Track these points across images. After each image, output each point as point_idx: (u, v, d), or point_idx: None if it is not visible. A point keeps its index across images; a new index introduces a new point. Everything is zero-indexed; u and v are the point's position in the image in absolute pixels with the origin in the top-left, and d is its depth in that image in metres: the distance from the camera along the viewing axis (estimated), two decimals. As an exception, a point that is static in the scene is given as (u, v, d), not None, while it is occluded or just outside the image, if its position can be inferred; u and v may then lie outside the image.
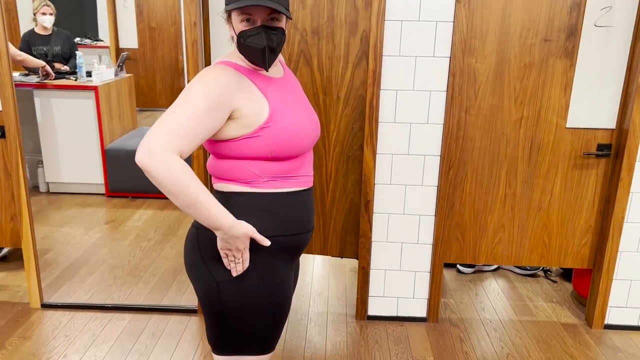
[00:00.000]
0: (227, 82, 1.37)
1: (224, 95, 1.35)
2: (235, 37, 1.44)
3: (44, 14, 4.66)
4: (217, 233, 1.40)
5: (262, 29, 1.39)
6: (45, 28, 4.79)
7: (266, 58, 1.42)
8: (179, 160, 1.28)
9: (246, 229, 1.40)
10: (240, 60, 1.47)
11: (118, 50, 6.81)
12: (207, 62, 2.58)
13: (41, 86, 4.33)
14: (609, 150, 2.61)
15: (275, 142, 1.41)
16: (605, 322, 2.78)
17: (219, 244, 1.42)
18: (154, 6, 6.62)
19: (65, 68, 4.75)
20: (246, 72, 1.45)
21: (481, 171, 2.67)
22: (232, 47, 1.50)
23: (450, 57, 2.47)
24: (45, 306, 2.85)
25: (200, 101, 1.33)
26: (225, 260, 1.44)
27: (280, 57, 1.69)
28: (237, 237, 1.39)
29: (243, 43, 1.41)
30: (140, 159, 1.26)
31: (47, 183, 4.58)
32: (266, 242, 1.43)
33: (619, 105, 2.56)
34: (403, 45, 2.46)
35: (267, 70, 1.46)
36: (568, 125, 2.59)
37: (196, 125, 1.32)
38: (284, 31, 1.46)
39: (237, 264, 1.44)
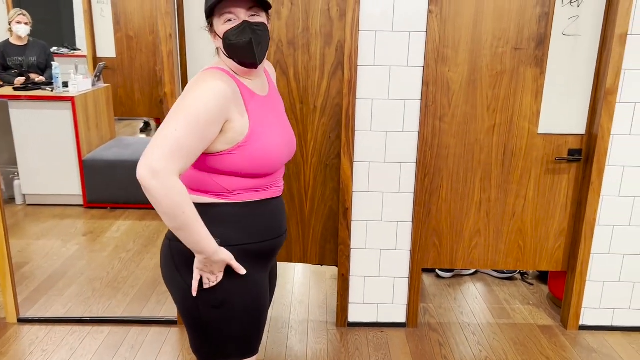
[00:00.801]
0: (224, 91, 1.36)
1: (223, 107, 1.35)
2: (221, 44, 1.43)
3: (19, 22, 4.62)
4: (197, 255, 1.41)
5: (245, 23, 1.40)
6: (20, 38, 4.74)
7: (254, 52, 1.41)
8: (179, 183, 1.30)
9: (225, 256, 1.42)
10: (229, 69, 1.46)
11: (95, 60, 6.75)
12: (184, 74, 2.58)
13: (17, 97, 4.28)
14: (580, 155, 2.68)
15: (250, 160, 1.42)
16: (580, 323, 2.84)
17: (196, 264, 1.44)
18: (131, 15, 6.60)
19: (41, 79, 4.71)
20: (236, 82, 1.45)
21: (456, 177, 2.72)
22: (217, 59, 1.50)
23: (423, 67, 2.51)
24: (22, 321, 2.81)
25: (202, 117, 1.32)
26: (196, 275, 1.45)
27: (271, 68, 1.69)
28: (216, 262, 1.41)
29: (230, 43, 1.41)
30: (142, 177, 1.26)
31: (24, 195, 4.53)
32: (242, 271, 1.46)
33: (588, 111, 2.63)
34: (377, 55, 2.50)
35: (256, 67, 1.46)
36: (540, 131, 2.65)
37: (198, 144, 1.33)
38: (267, 27, 1.47)
39: (210, 282, 1.46)
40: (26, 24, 4.64)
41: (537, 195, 2.74)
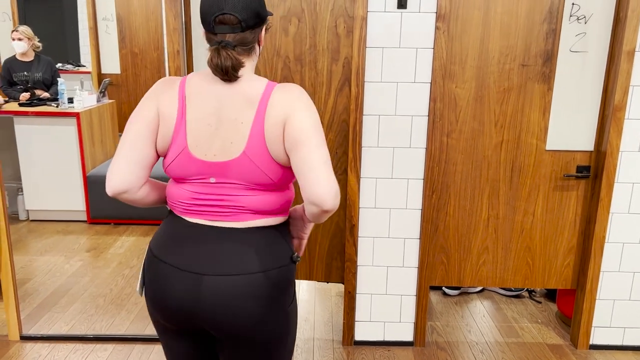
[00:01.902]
0: None
1: None
2: (260, 47, 1.41)
3: (13, 39, 4.65)
4: (309, 226, 1.48)
5: None
6: (25, 54, 4.77)
7: None
8: None
9: None
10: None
11: (100, 76, 6.79)
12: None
13: (22, 113, 4.29)
14: (588, 172, 2.66)
15: None
16: (590, 342, 2.80)
17: (308, 232, 1.51)
18: (136, 32, 6.65)
19: (46, 95, 4.72)
20: None
21: (464, 194, 2.70)
22: (252, 64, 1.39)
23: (430, 83, 2.51)
24: (25, 338, 2.78)
25: (322, 131, 1.34)
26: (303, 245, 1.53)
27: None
28: None
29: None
30: (335, 204, 1.27)
31: (27, 211, 4.51)
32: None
33: (597, 127, 2.62)
34: (384, 71, 2.50)
35: None
36: (548, 148, 2.64)
37: None
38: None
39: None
40: (20, 39, 4.65)
41: (545, 212, 2.72)
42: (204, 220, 1.37)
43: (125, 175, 1.35)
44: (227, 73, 1.28)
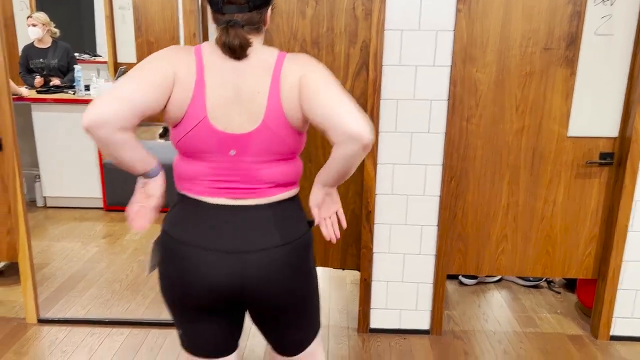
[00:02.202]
0: None
1: None
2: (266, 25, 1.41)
3: (28, 25, 4.67)
4: (335, 193, 1.47)
5: None
6: (42, 41, 4.78)
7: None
8: None
9: None
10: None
11: (116, 65, 6.80)
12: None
13: (39, 100, 4.31)
14: (612, 159, 2.59)
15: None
16: (611, 333, 2.74)
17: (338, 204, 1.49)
18: (152, 21, 6.64)
19: (57, 82, 4.69)
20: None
21: (483, 181, 2.65)
22: (260, 42, 1.39)
23: (450, 66, 2.46)
24: (42, 321, 2.80)
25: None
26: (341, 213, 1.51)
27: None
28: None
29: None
30: (372, 137, 1.24)
31: (45, 197, 4.55)
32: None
33: (621, 113, 2.55)
34: (403, 54, 2.45)
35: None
36: (570, 134, 2.58)
37: None
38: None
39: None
40: (34, 25, 4.66)
41: (566, 199, 2.66)
42: (226, 200, 1.36)
43: (113, 108, 1.19)
44: (235, 52, 1.30)
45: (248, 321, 2.43)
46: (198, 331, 1.44)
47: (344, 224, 1.45)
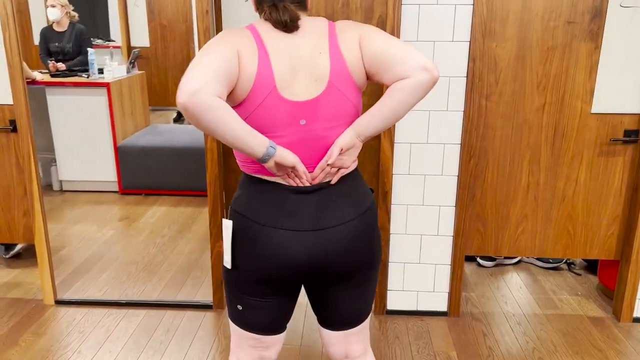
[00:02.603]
0: None
1: None
2: None
3: (47, 6, 4.64)
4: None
5: None
6: (59, 24, 4.77)
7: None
8: None
9: None
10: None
11: (130, 49, 6.80)
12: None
13: (53, 84, 4.31)
14: (637, 136, 2.51)
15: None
16: (635, 315, 2.68)
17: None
18: (164, 4, 6.61)
19: (62, 66, 4.63)
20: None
21: (503, 160, 2.58)
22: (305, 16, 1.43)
23: (470, 42, 2.39)
24: (59, 303, 2.81)
25: None
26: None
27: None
28: None
29: None
30: (439, 75, 1.32)
31: (60, 181, 4.57)
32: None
33: (647, 88, 2.46)
34: (421, 30, 2.38)
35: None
36: (593, 111, 2.50)
37: None
38: None
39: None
40: (53, 6, 4.63)
41: (589, 178, 2.59)
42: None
43: (204, 77, 1.17)
44: (287, 25, 1.33)
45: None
46: (261, 307, 1.47)
47: (333, 182, 1.42)
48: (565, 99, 2.49)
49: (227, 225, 1.43)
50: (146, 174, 4.43)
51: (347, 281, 1.47)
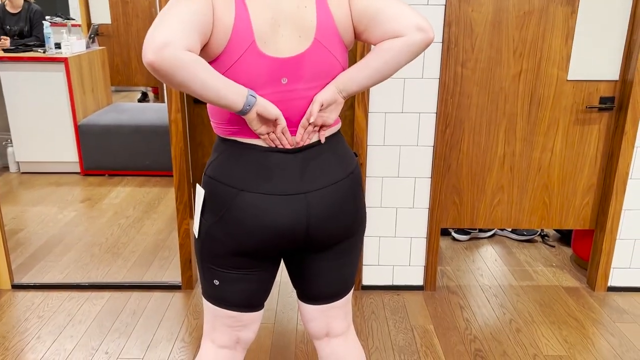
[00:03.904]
0: None
1: None
2: None
3: None
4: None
5: None
6: (12, 5, 4.50)
7: None
8: None
9: None
10: None
11: (90, 27, 6.49)
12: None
13: (6, 59, 4.06)
14: (612, 103, 2.48)
15: None
16: (609, 284, 2.68)
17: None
18: (126, -22, 6.32)
19: (4, 43, 4.35)
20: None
21: (479, 129, 2.52)
22: None
23: (445, 5, 2.30)
24: (17, 287, 2.65)
25: None
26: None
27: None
28: None
29: None
30: (434, 36, 1.23)
31: (18, 163, 4.34)
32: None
33: (623, 55, 2.42)
34: (395, -7, 2.28)
35: None
36: (569, 78, 2.45)
37: None
38: None
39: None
40: None
41: (564, 147, 2.55)
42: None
43: (173, 28, 1.05)
44: None
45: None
46: (239, 280, 1.36)
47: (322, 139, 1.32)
48: (542, 66, 2.44)
49: (200, 192, 1.32)
50: (109, 154, 4.25)
51: (332, 249, 1.38)
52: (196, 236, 1.35)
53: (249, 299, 1.40)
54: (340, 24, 1.23)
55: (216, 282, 1.37)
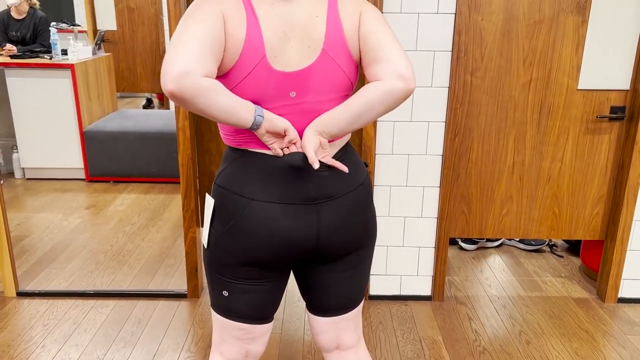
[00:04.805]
0: None
1: None
2: None
3: None
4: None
5: None
6: (18, 11, 4.51)
7: None
8: None
9: None
10: None
11: (96, 33, 6.51)
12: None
13: (13, 65, 4.07)
14: (623, 113, 2.46)
15: None
16: (619, 295, 2.65)
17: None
18: (132, -15, 6.34)
19: (12, 49, 4.34)
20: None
21: (488, 138, 2.51)
22: None
23: (455, 14, 2.29)
24: (22, 294, 2.63)
25: None
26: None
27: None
28: None
29: None
30: (414, 87, 1.21)
31: (23, 169, 4.33)
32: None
33: (634, 64, 2.41)
34: (404, 0, 2.27)
35: None
36: (580, 87, 2.44)
37: None
38: None
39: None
40: None
41: (574, 157, 2.53)
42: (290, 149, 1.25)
43: (190, 56, 1.05)
44: None
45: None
46: (249, 291, 1.34)
47: (345, 168, 1.30)
48: (552, 75, 2.42)
49: (209, 202, 1.30)
50: (114, 161, 4.24)
51: (341, 261, 1.36)
52: (205, 246, 1.33)
53: (259, 310, 1.37)
54: (349, 36, 1.23)
55: (225, 293, 1.35)
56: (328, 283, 1.39)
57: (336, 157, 1.30)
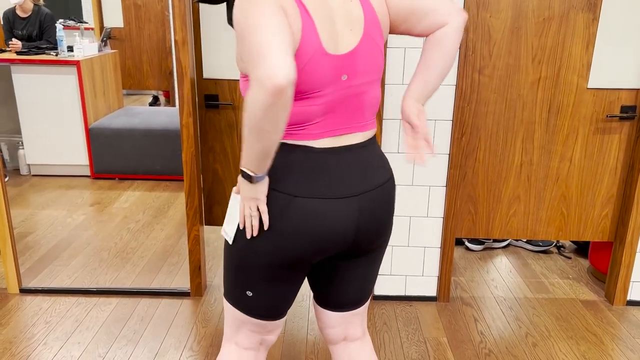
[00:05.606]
0: None
1: None
2: None
3: None
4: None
5: None
6: (23, 9, 4.51)
7: None
8: None
9: None
10: None
11: (103, 30, 6.52)
12: (196, 21, 2.35)
13: (19, 61, 4.07)
14: (634, 112, 2.42)
15: None
16: (628, 297, 2.61)
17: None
18: (139, -18, 6.33)
19: (17, 45, 4.33)
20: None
21: (495, 138, 2.47)
22: None
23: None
24: (24, 291, 2.62)
25: None
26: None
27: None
28: None
29: None
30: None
31: (29, 165, 4.33)
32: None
33: (645, 63, 2.36)
34: (412, -2, 2.24)
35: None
36: (590, 86, 2.39)
37: None
38: None
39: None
40: None
41: (584, 157, 2.49)
42: (332, 140, 1.23)
43: (289, 61, 0.97)
44: None
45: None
46: (273, 292, 1.32)
47: (433, 150, 1.29)
48: (561, 73, 2.38)
49: (236, 197, 1.26)
50: (120, 158, 4.23)
51: (367, 255, 1.35)
52: (230, 242, 1.28)
53: (279, 308, 1.37)
54: (381, 17, 1.24)
55: (249, 293, 1.32)
56: (350, 278, 1.38)
57: (368, 144, 1.30)
